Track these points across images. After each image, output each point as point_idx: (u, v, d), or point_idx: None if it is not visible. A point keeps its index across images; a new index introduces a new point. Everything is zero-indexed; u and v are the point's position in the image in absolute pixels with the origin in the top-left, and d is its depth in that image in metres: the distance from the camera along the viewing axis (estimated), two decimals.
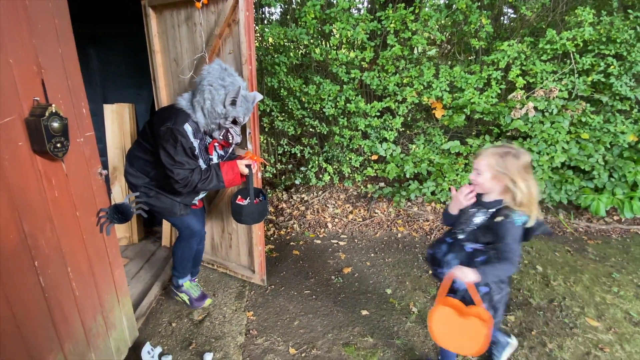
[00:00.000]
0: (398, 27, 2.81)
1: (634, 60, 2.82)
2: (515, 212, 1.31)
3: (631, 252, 3.02)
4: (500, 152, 1.32)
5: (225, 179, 1.80)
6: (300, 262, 2.77)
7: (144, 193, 1.87)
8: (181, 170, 1.69)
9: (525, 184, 1.29)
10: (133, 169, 1.88)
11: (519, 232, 1.32)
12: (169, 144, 1.65)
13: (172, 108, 1.75)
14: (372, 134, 3.22)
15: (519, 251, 1.32)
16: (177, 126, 1.64)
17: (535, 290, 2.46)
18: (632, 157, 3.18)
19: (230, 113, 1.66)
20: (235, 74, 1.70)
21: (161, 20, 2.13)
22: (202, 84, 1.65)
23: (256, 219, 1.96)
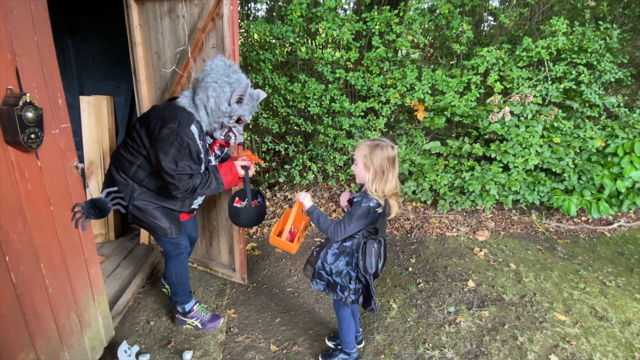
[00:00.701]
0: (383, 29, 2.86)
1: (603, 70, 2.99)
2: (366, 195, 1.46)
3: (597, 251, 3.20)
4: (372, 143, 1.47)
5: (225, 180, 1.71)
6: (282, 260, 2.78)
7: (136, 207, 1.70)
8: (184, 175, 1.57)
9: (385, 174, 1.44)
10: (122, 176, 1.69)
11: (362, 211, 1.46)
12: (173, 147, 1.51)
13: (172, 107, 1.60)
14: (356, 133, 3.26)
15: (351, 226, 1.47)
16: (183, 128, 1.52)
17: (508, 287, 2.56)
18: (600, 161, 3.37)
19: (235, 111, 1.57)
20: (239, 71, 1.61)
21: (143, 12, 2.08)
22: (206, 80, 1.53)
23: (254, 221, 1.87)
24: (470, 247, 3.11)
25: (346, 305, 1.67)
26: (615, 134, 3.29)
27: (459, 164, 3.39)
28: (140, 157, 1.64)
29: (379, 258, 1.62)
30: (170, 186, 1.59)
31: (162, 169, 1.54)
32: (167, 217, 1.78)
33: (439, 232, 3.37)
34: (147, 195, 1.71)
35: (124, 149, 1.71)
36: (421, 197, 3.45)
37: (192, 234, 2.11)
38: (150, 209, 1.73)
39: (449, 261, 2.86)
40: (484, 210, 3.65)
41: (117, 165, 1.72)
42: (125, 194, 1.70)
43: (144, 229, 1.85)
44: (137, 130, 1.65)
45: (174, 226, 1.80)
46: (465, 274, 2.69)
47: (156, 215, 1.74)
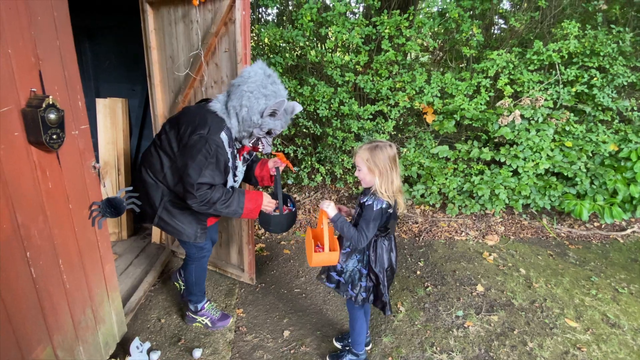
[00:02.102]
0: (392, 32, 2.88)
1: (616, 73, 2.95)
2: (376, 197, 1.48)
3: (610, 257, 3.14)
4: (370, 146, 1.48)
5: (246, 206, 1.60)
6: (290, 261, 2.80)
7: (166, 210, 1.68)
8: (204, 185, 1.50)
9: (389, 174, 1.46)
10: (153, 178, 1.66)
11: (375, 214, 1.47)
12: (200, 154, 1.47)
13: (204, 111, 1.56)
14: (365, 136, 3.27)
15: (369, 232, 1.48)
16: (212, 135, 1.48)
17: (518, 292, 2.54)
18: (613, 165, 3.31)
19: (266, 125, 1.52)
20: (278, 82, 1.54)
21: (158, 17, 2.14)
22: (242, 88, 1.48)
23: (284, 228, 1.81)
24: (479, 252, 3.08)
25: (357, 303, 1.67)
26: (628, 138, 3.23)
27: (468, 167, 3.37)
28: (169, 158, 1.62)
29: (391, 251, 1.63)
30: (187, 195, 1.53)
31: (185, 176, 1.50)
32: (196, 221, 1.75)
33: (448, 235, 3.35)
34: (177, 200, 1.68)
35: (154, 149, 1.69)
36: (430, 201, 3.44)
37: (213, 237, 2.11)
38: (180, 214, 1.70)
39: (457, 265, 2.85)
40: (493, 214, 3.62)
41: (147, 165, 1.70)
42: (156, 197, 1.68)
43: (168, 233, 1.82)
44: (167, 133, 1.62)
45: (200, 231, 1.78)
46: (474, 278, 2.67)
47: (184, 220, 1.72)
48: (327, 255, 1.58)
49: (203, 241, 1.83)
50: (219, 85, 2.03)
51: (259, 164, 1.89)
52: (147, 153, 1.74)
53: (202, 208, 1.56)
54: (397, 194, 1.52)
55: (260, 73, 1.51)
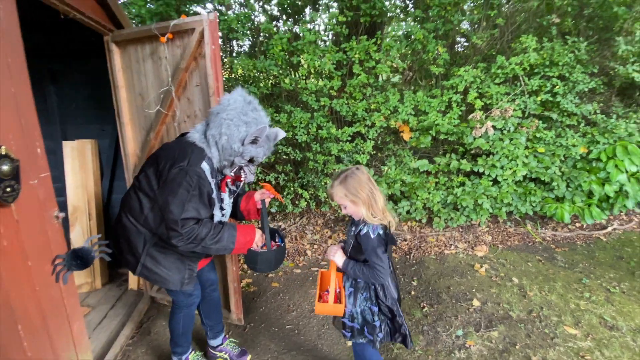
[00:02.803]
0: (362, 57, 2.96)
1: (576, 80, 3.12)
2: (369, 225, 1.39)
3: (596, 257, 3.18)
4: (341, 179, 1.41)
5: (238, 241, 1.50)
6: (280, 294, 2.66)
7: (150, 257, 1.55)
8: (190, 220, 1.39)
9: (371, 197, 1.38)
10: (134, 222, 1.55)
11: (377, 242, 1.38)
12: (181, 187, 1.38)
13: (182, 143, 1.49)
14: (345, 158, 3.27)
15: (383, 261, 1.38)
16: (193, 166, 1.40)
17: (514, 303, 2.50)
18: (585, 167, 3.43)
19: (248, 152, 1.45)
20: (260, 108, 1.48)
21: (125, 55, 2.10)
22: (221, 116, 1.42)
23: (272, 266, 1.66)
24: (470, 264, 3.05)
25: (376, 347, 1.51)
26: (596, 140, 3.38)
27: (449, 180, 3.41)
28: (150, 200, 1.52)
29: (394, 280, 1.52)
30: (171, 233, 1.40)
31: (167, 213, 1.39)
32: (183, 266, 1.62)
33: (438, 250, 3.32)
34: (161, 244, 1.55)
35: (133, 191, 1.58)
36: (416, 216, 3.42)
37: (210, 276, 1.95)
38: (164, 259, 1.57)
39: (451, 280, 2.80)
40: (479, 224, 3.64)
41: (127, 209, 1.58)
42: (138, 243, 1.56)
43: (153, 283, 1.67)
44: (145, 172, 1.53)
45: (188, 277, 1.64)
46: (469, 293, 2.62)
47: (170, 265, 1.59)
48: (332, 306, 1.48)
49: (191, 288, 1.69)
50: (192, 120, 1.98)
51: (244, 197, 1.79)
52: (126, 197, 1.63)
53: (189, 246, 1.44)
54: (385, 214, 1.43)
55: (240, 100, 1.46)
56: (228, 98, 1.47)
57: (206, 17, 1.76)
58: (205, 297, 1.96)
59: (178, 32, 1.85)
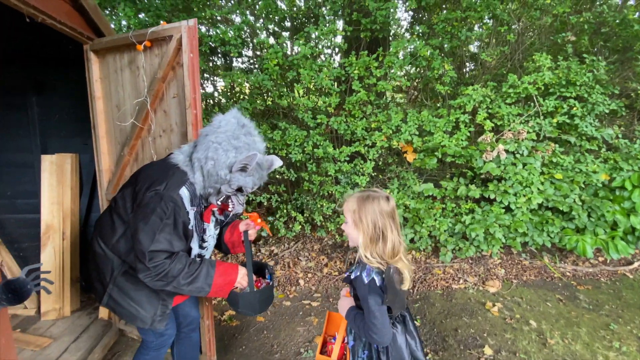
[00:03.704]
0: (362, 73, 2.79)
1: (595, 102, 2.88)
2: (363, 266, 1.13)
3: (623, 297, 2.83)
4: (361, 196, 1.17)
5: (216, 282, 1.30)
6: (264, 331, 2.37)
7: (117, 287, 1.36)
8: (160, 253, 1.22)
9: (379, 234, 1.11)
10: (103, 247, 1.38)
11: (369, 289, 1.09)
12: (154, 214, 1.21)
13: (165, 164, 1.34)
14: (343, 179, 3.04)
15: (377, 317, 1.07)
16: (169, 191, 1.24)
17: (533, 352, 2.16)
18: (608, 196, 3.13)
19: (235, 180, 1.28)
20: (255, 133, 1.34)
21: (104, 65, 1.96)
22: (209, 139, 1.28)
23: (257, 309, 1.42)
24: (481, 302, 2.72)
25: None
26: (619, 167, 3.09)
27: (457, 206, 3.13)
28: (123, 224, 1.35)
29: (408, 337, 1.20)
30: (138, 266, 1.23)
31: (137, 243, 1.22)
32: (156, 301, 1.41)
33: (445, 284, 3.00)
34: (131, 274, 1.37)
35: (109, 213, 1.42)
36: (420, 246, 3.13)
37: (190, 313, 1.70)
38: (135, 291, 1.38)
39: (459, 321, 2.47)
40: (490, 255, 3.32)
41: (99, 233, 1.42)
42: (106, 270, 1.38)
43: (120, 316, 1.44)
44: (123, 191, 1.38)
45: (160, 314, 1.42)
46: (479, 338, 2.29)
47: (141, 299, 1.38)
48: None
49: (162, 327, 1.44)
50: (168, 134, 1.79)
51: (229, 228, 1.58)
52: (101, 218, 1.46)
53: (157, 284, 1.25)
54: (396, 260, 1.14)
55: (232, 122, 1.30)
56: (220, 119, 1.32)
57: (185, 24, 1.61)
58: (182, 337, 1.71)
59: (156, 40, 1.70)
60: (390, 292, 1.09)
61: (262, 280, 1.54)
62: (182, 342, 1.71)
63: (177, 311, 1.65)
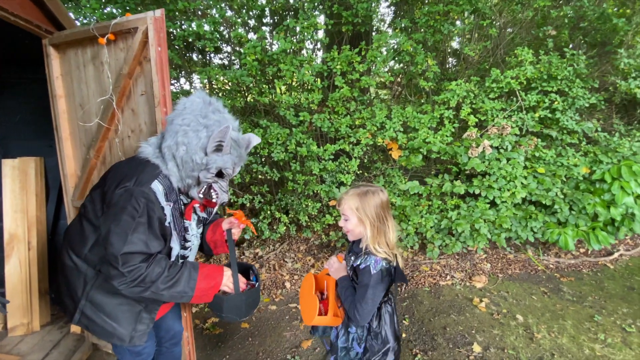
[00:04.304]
0: (345, 68, 2.71)
1: (576, 96, 2.90)
2: (371, 256, 1.22)
3: (605, 287, 2.88)
4: (360, 192, 1.26)
5: (199, 287, 1.20)
6: (249, 338, 2.28)
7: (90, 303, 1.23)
8: (135, 256, 1.10)
9: (383, 225, 1.23)
10: (74, 258, 1.25)
11: (375, 279, 1.19)
12: (124, 213, 1.10)
13: (133, 161, 1.24)
14: (328, 178, 2.97)
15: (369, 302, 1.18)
16: (140, 186, 1.12)
17: (521, 348, 2.15)
18: (589, 188, 3.18)
19: (213, 163, 1.17)
20: (224, 110, 1.24)
21: (65, 61, 1.80)
22: (175, 122, 1.17)
23: (243, 313, 1.34)
24: (468, 298, 2.71)
25: None
26: (599, 160, 3.14)
27: (443, 202, 3.11)
28: (95, 230, 1.23)
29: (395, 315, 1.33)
30: (111, 272, 1.10)
31: (108, 246, 1.10)
32: (135, 315, 1.28)
33: (432, 281, 2.98)
34: (105, 287, 1.24)
35: (78, 220, 1.29)
36: (407, 243, 3.10)
37: (172, 326, 1.58)
38: (112, 305, 1.25)
39: (447, 319, 2.45)
40: (476, 251, 3.32)
41: (69, 243, 1.28)
42: (77, 284, 1.24)
43: (95, 335, 1.31)
44: (92, 194, 1.26)
45: (140, 329, 1.29)
46: (468, 335, 2.27)
47: (115, 315, 1.26)
48: (331, 319, 1.32)
49: (142, 343, 1.31)
50: (137, 135, 1.67)
51: (211, 226, 1.48)
52: (70, 227, 1.33)
53: (134, 290, 1.12)
54: (393, 249, 1.25)
55: (198, 102, 1.20)
56: (184, 101, 1.22)
57: (151, 14, 1.49)
58: (163, 352, 1.59)
59: (120, 33, 1.57)
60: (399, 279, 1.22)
61: (247, 282, 1.45)
62: (163, 357, 1.60)
63: (158, 325, 1.54)
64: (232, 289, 1.29)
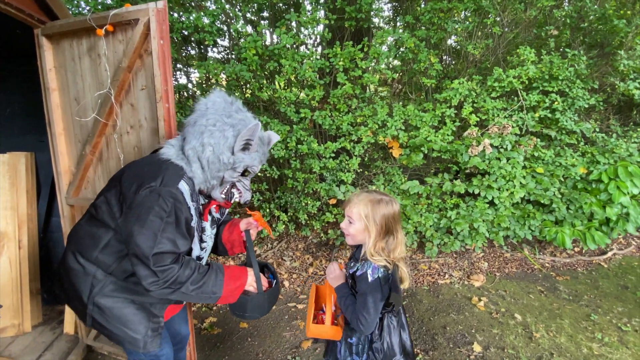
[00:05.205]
0: (347, 64, 2.66)
1: (575, 96, 2.91)
2: (368, 263, 1.19)
3: (600, 286, 2.92)
4: (373, 199, 1.22)
5: (226, 287, 1.19)
6: (248, 339, 2.25)
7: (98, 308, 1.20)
8: (166, 256, 1.08)
9: (389, 236, 1.21)
10: (82, 261, 1.20)
11: (372, 286, 1.16)
12: (152, 214, 1.06)
13: (154, 160, 1.19)
14: (328, 176, 2.93)
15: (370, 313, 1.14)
16: (167, 186, 1.10)
17: (520, 347, 2.17)
18: (586, 188, 3.20)
19: (240, 162, 1.17)
20: (244, 109, 1.24)
21: (59, 52, 1.73)
22: (200, 123, 1.15)
23: (265, 310, 1.35)
24: (467, 297, 2.72)
25: None
26: (596, 160, 3.16)
27: (443, 202, 3.11)
28: (109, 232, 1.19)
29: (402, 330, 1.28)
30: (142, 274, 1.07)
31: (135, 247, 1.06)
32: (145, 319, 1.24)
33: (431, 280, 2.98)
34: (116, 289, 1.20)
35: (87, 223, 1.25)
36: (406, 242, 3.09)
37: (180, 330, 1.55)
38: (120, 309, 1.21)
39: (447, 318, 2.45)
40: (474, 249, 3.34)
41: (76, 246, 1.23)
42: (83, 287, 1.20)
43: (109, 339, 1.27)
44: (105, 195, 1.21)
45: (152, 333, 1.25)
46: (468, 334, 2.28)
47: (127, 318, 1.21)
48: (329, 328, 1.28)
49: (157, 348, 1.26)
50: (137, 131, 1.61)
51: (227, 226, 1.45)
52: (76, 230, 1.27)
53: (164, 292, 1.10)
54: (399, 259, 1.22)
55: (219, 101, 1.20)
56: (205, 102, 1.21)
57: (153, 6, 1.42)
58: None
59: (120, 24, 1.51)
60: (397, 290, 1.17)
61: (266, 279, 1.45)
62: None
63: (166, 329, 1.49)
64: (255, 288, 1.28)
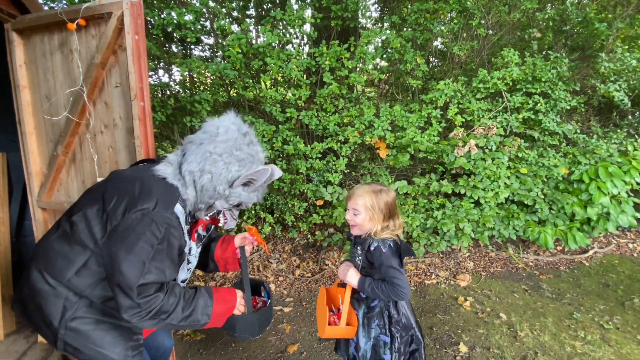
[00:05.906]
0: (333, 64, 2.64)
1: (558, 98, 2.95)
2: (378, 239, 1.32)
3: (582, 285, 2.98)
4: (374, 189, 1.35)
5: (215, 311, 1.13)
6: (232, 344, 2.19)
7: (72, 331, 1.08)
8: (151, 286, 1.00)
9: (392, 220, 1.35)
10: (52, 282, 1.08)
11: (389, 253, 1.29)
12: (142, 240, 0.99)
13: (147, 176, 1.10)
14: (315, 177, 2.90)
15: (402, 274, 1.27)
16: (162, 211, 1.02)
17: (505, 347, 2.18)
18: (568, 189, 3.26)
19: (236, 196, 1.12)
20: (256, 142, 1.19)
21: (29, 47, 1.64)
22: (206, 148, 1.09)
23: (256, 331, 1.29)
24: (453, 297, 2.73)
25: None
26: (577, 161, 3.23)
27: (429, 202, 3.12)
28: (85, 253, 1.08)
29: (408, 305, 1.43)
30: (123, 304, 0.98)
31: (119, 276, 0.97)
32: (124, 339, 1.16)
33: (418, 280, 2.98)
34: (91, 312, 1.11)
35: (59, 238, 1.12)
36: None
37: (162, 343, 1.47)
38: (95, 330, 1.11)
39: (433, 319, 2.45)
40: (460, 249, 3.36)
41: (45, 265, 1.11)
42: (53, 310, 1.08)
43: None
44: (84, 211, 1.09)
45: (132, 352, 1.17)
46: (454, 335, 2.28)
47: (105, 339, 1.12)
48: (344, 329, 1.35)
49: None
50: (112, 130, 1.54)
51: (220, 243, 1.38)
52: (43, 244, 1.14)
53: (146, 323, 1.02)
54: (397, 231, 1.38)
55: (233, 130, 1.13)
56: (216, 125, 1.13)
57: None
58: None
59: (93, 18, 1.44)
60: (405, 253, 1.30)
61: (259, 298, 1.40)
62: None
63: (149, 344, 1.42)
64: (243, 311, 1.23)
